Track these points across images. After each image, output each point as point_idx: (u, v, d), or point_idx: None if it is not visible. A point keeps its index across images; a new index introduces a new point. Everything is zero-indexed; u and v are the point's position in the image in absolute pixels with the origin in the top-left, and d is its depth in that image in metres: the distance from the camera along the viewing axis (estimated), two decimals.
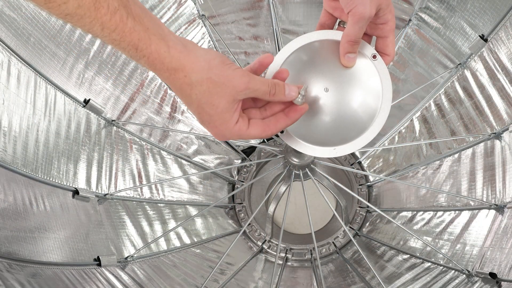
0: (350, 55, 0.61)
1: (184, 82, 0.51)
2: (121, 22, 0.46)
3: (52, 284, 0.74)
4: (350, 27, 0.58)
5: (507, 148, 0.96)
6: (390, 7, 0.59)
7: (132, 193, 1.09)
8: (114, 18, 0.45)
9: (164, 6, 1.13)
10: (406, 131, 1.19)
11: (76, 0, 0.43)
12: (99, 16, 0.45)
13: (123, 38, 0.47)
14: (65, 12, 0.44)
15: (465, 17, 1.03)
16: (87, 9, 0.44)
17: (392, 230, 1.12)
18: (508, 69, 0.96)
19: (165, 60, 0.49)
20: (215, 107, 0.52)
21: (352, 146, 0.62)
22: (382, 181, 1.23)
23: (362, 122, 0.62)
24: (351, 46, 0.60)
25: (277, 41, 1.22)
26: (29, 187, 0.84)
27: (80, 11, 0.44)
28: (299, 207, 1.22)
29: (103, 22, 0.45)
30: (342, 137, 0.62)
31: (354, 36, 0.59)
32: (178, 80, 0.50)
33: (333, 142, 0.62)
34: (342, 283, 1.06)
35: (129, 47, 0.47)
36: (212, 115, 0.53)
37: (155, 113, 1.16)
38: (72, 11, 0.44)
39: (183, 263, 1.05)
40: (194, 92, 0.51)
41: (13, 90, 0.85)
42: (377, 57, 0.62)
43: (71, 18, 0.44)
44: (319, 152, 0.63)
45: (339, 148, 0.62)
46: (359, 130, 0.62)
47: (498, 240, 0.90)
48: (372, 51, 0.62)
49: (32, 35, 0.91)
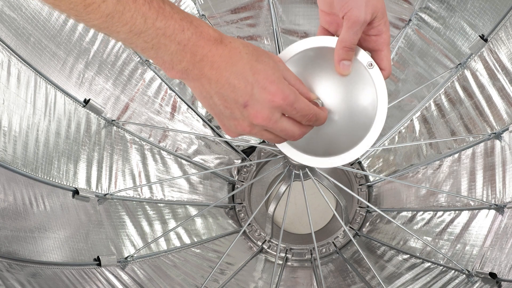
0: (345, 63, 0.59)
1: (232, 47, 0.50)
2: (160, 9, 0.46)
3: (52, 284, 0.74)
4: (345, 32, 0.57)
5: (507, 148, 0.96)
6: (385, 19, 0.58)
7: (132, 193, 1.09)
8: (152, 6, 0.45)
9: None
10: (406, 131, 1.19)
11: None
12: (138, 6, 0.44)
13: (167, 23, 0.46)
14: (106, 13, 0.43)
15: (465, 17, 1.03)
16: (125, 2, 0.44)
17: (392, 230, 1.12)
18: (508, 69, 0.96)
19: (211, 31, 0.49)
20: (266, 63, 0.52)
21: (345, 157, 0.61)
22: (382, 181, 1.23)
23: (356, 132, 0.61)
24: (346, 53, 0.58)
25: (277, 41, 1.22)
26: (29, 187, 0.84)
27: (119, 7, 0.43)
28: (299, 207, 1.22)
29: (144, 12, 0.45)
30: (336, 147, 0.62)
31: (349, 41, 0.57)
32: (226, 47, 0.50)
33: (327, 152, 0.62)
34: (342, 283, 1.06)
35: (174, 31, 0.47)
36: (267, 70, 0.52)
37: (155, 113, 1.16)
38: (112, 9, 0.43)
39: (183, 263, 1.05)
40: (244, 51, 0.50)
41: (13, 90, 0.86)
42: (374, 65, 0.60)
43: (112, 18, 0.44)
44: (314, 162, 0.62)
45: (333, 159, 0.61)
46: (353, 141, 0.61)
47: (498, 240, 0.90)
48: (368, 58, 0.60)
49: (32, 35, 0.91)
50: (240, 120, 0.53)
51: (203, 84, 0.51)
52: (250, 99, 0.51)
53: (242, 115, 0.52)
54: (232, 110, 0.52)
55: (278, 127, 0.53)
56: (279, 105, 0.52)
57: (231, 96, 0.51)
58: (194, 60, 0.49)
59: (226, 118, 0.53)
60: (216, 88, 0.51)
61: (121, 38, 0.46)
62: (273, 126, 0.53)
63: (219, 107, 0.52)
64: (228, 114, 0.53)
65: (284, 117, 0.54)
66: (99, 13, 0.43)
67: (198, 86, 0.51)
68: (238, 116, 0.52)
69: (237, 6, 1.20)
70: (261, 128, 0.54)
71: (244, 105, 0.51)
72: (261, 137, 0.56)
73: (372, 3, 0.56)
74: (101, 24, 0.44)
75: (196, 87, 0.52)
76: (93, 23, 0.44)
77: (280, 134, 0.55)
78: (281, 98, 0.51)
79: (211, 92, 0.51)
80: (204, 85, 0.51)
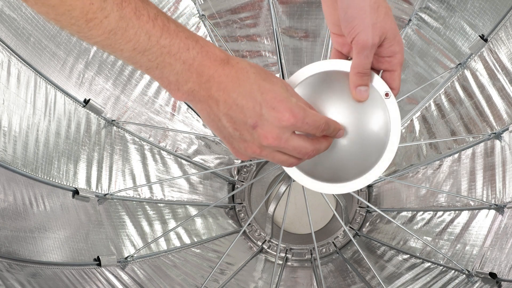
0: (361, 88, 0.57)
1: (239, 68, 0.49)
2: (165, 26, 0.45)
3: (52, 284, 0.74)
4: (356, 57, 0.55)
5: (507, 148, 0.96)
6: (397, 38, 0.55)
7: (132, 193, 1.09)
8: (157, 24, 0.44)
9: (164, 6, 1.13)
10: (406, 131, 1.19)
11: (117, 11, 0.42)
12: (142, 24, 0.44)
13: (172, 41, 0.45)
14: (108, 29, 0.42)
15: (465, 17, 1.03)
16: (129, 18, 0.43)
17: (392, 230, 1.12)
18: (508, 69, 0.96)
19: (217, 51, 0.48)
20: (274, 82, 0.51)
21: (352, 185, 0.60)
22: (382, 181, 1.23)
23: (365, 161, 0.59)
24: (361, 78, 0.56)
25: (277, 41, 1.22)
26: (29, 187, 0.84)
27: (122, 23, 0.43)
28: (299, 207, 1.22)
29: (148, 29, 0.44)
30: (343, 174, 0.60)
31: (361, 66, 0.55)
32: (233, 67, 0.49)
33: (334, 178, 0.60)
34: (342, 283, 1.06)
35: (179, 50, 0.46)
36: (275, 90, 0.50)
37: (155, 113, 1.16)
38: (114, 25, 0.42)
39: (183, 263, 1.05)
40: (251, 71, 0.49)
41: (13, 90, 0.86)
42: (390, 95, 0.58)
43: (115, 34, 0.43)
44: (320, 187, 0.61)
45: (339, 186, 0.60)
46: (361, 169, 0.59)
47: (498, 240, 0.90)
48: (386, 88, 0.58)
49: (32, 35, 0.91)
50: (250, 142, 0.51)
51: (210, 106, 0.50)
52: (259, 120, 0.50)
53: (252, 136, 0.51)
54: (241, 132, 0.51)
55: (289, 146, 0.52)
56: (289, 123, 0.50)
57: (240, 117, 0.50)
58: (201, 81, 0.48)
59: (236, 141, 0.52)
60: (224, 110, 0.49)
61: (125, 56, 0.45)
62: (285, 145, 0.51)
63: (228, 129, 0.51)
64: (237, 137, 0.51)
65: (295, 135, 0.52)
66: (101, 29, 0.42)
67: (205, 108, 0.50)
68: (248, 138, 0.51)
69: (237, 6, 1.20)
70: (272, 149, 0.52)
71: (254, 126, 0.50)
72: (272, 159, 0.54)
73: (380, 24, 0.54)
74: (104, 41, 0.43)
75: (204, 109, 0.50)
76: (96, 40, 0.43)
77: (293, 153, 0.53)
78: (290, 116, 0.50)
79: (219, 114, 0.50)
80: (212, 107, 0.49)
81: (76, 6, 0.41)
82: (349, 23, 0.54)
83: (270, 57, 1.25)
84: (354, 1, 0.54)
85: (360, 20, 0.53)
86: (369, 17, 0.53)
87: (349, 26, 0.54)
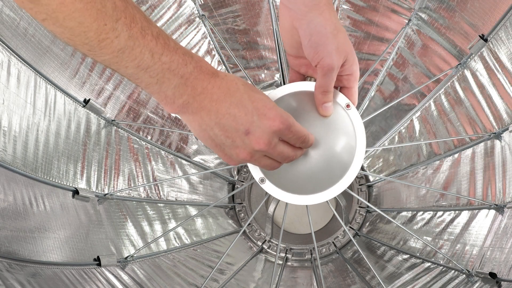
0: (326, 105, 0.63)
1: (228, 80, 0.53)
2: (166, 44, 0.48)
3: (52, 283, 0.74)
4: (321, 79, 0.60)
5: (507, 148, 0.96)
6: (355, 58, 0.62)
7: (132, 193, 1.09)
8: (159, 42, 0.47)
9: (164, 6, 1.13)
10: (406, 131, 1.19)
11: (126, 31, 0.44)
12: (146, 42, 0.46)
13: (172, 58, 0.48)
14: (118, 48, 0.44)
15: (465, 17, 1.03)
16: (136, 38, 0.45)
17: (392, 230, 1.12)
18: (508, 69, 0.96)
19: (208, 66, 0.52)
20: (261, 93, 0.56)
21: (329, 193, 0.67)
22: (382, 181, 1.23)
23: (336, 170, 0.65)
24: (326, 96, 0.62)
25: (277, 41, 1.22)
26: (29, 187, 0.84)
27: (130, 42, 0.45)
28: (299, 207, 1.22)
29: (151, 48, 0.46)
30: (320, 184, 0.66)
31: (325, 86, 0.61)
32: (223, 79, 0.52)
33: (311, 189, 0.66)
34: (342, 283, 1.06)
35: (178, 65, 0.48)
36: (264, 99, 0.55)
37: (155, 113, 1.17)
38: (123, 44, 0.44)
39: (183, 263, 1.05)
40: (240, 83, 0.53)
41: (13, 90, 0.86)
42: (351, 106, 0.65)
43: (122, 53, 0.45)
44: (299, 200, 0.67)
45: (317, 196, 0.67)
46: (337, 177, 0.66)
47: (498, 240, 0.90)
48: (346, 100, 0.65)
49: (33, 35, 0.91)
50: (241, 148, 0.55)
51: (202, 117, 0.52)
52: (251, 126, 0.53)
53: (243, 142, 0.54)
54: (233, 139, 0.54)
55: (276, 151, 0.57)
56: (278, 129, 0.55)
57: (232, 125, 0.53)
58: (195, 93, 0.51)
59: (228, 147, 0.55)
60: (216, 119, 0.52)
61: (128, 73, 0.47)
62: (272, 150, 0.56)
63: (220, 138, 0.54)
64: (229, 144, 0.54)
65: (281, 141, 0.57)
66: (111, 48, 0.44)
67: (196, 120, 0.53)
68: (240, 144, 0.54)
69: (237, 6, 1.20)
70: (261, 154, 0.56)
71: (246, 133, 0.54)
72: (259, 164, 0.59)
73: (342, 48, 0.59)
74: (111, 59, 0.45)
75: (195, 120, 0.53)
76: (104, 58, 0.45)
77: (277, 157, 0.58)
78: (280, 122, 0.55)
79: (211, 124, 0.53)
80: (204, 117, 0.52)
81: (91, 28, 0.43)
82: (313, 49, 0.59)
83: (270, 57, 1.25)
84: (316, 29, 0.58)
85: (323, 46, 0.58)
86: (332, 42, 0.58)
87: (313, 52, 0.59)
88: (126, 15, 0.44)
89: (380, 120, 1.23)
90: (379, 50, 1.19)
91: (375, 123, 1.24)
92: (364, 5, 1.15)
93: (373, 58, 1.20)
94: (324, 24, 0.58)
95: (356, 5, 1.16)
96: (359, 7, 1.16)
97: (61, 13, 0.41)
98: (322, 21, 0.58)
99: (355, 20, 1.18)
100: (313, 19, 0.58)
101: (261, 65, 1.26)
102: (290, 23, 0.60)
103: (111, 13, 0.43)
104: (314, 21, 0.58)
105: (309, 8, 0.58)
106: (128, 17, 0.44)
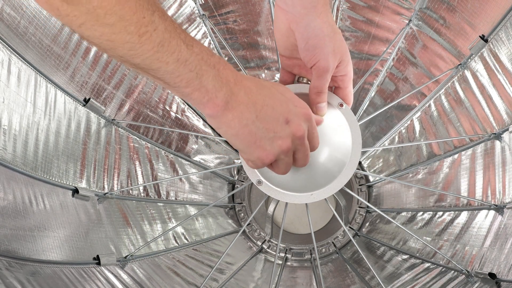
0: (320, 105, 0.64)
1: (248, 76, 0.54)
2: (192, 37, 0.48)
3: (52, 282, 0.74)
4: (316, 80, 0.61)
5: (507, 148, 0.96)
6: (349, 59, 0.63)
7: (132, 192, 1.09)
8: (187, 34, 0.47)
9: (165, 5, 1.13)
10: (406, 131, 1.19)
11: (162, 23, 0.44)
12: (178, 34, 0.46)
13: (201, 48, 0.48)
14: (157, 41, 0.44)
15: (465, 17, 1.02)
16: (170, 30, 0.45)
17: (392, 230, 1.12)
18: (508, 70, 0.96)
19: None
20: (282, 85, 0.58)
21: (328, 190, 0.67)
22: (382, 181, 1.23)
23: (337, 165, 0.66)
24: (320, 97, 0.63)
25: None
26: (29, 186, 0.84)
27: (166, 35, 0.44)
28: (299, 207, 1.21)
29: (183, 39, 0.46)
30: (318, 182, 0.67)
31: (320, 87, 0.62)
32: (244, 75, 0.53)
33: (308, 188, 0.67)
34: (341, 283, 1.06)
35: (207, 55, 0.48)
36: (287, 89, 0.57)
37: (155, 113, 1.17)
38: (162, 37, 0.44)
39: (182, 263, 1.05)
40: (261, 79, 0.56)
41: (13, 89, 0.86)
42: (344, 105, 0.67)
43: (162, 46, 0.44)
44: (298, 199, 0.67)
45: (316, 194, 0.67)
46: (334, 174, 0.66)
47: (498, 240, 0.90)
48: (339, 100, 0.67)
49: (33, 34, 0.91)
50: (284, 138, 0.55)
51: (242, 112, 0.52)
52: (289, 115, 0.55)
53: (285, 132, 0.55)
54: (275, 130, 0.54)
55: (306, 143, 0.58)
56: (309, 117, 0.57)
57: (272, 115, 0.53)
58: (230, 85, 0.50)
59: (269, 141, 0.54)
60: (255, 112, 0.52)
61: (169, 70, 0.46)
62: (304, 141, 0.57)
63: (261, 131, 0.53)
64: (271, 136, 0.54)
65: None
66: (151, 42, 0.44)
67: (237, 116, 0.52)
68: (282, 134, 0.55)
69: (237, 6, 1.20)
70: (296, 145, 0.57)
71: (286, 121, 0.54)
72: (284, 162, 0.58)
73: (338, 50, 0.60)
74: (153, 56, 0.44)
75: (235, 117, 0.52)
76: (144, 56, 0.44)
77: (303, 153, 0.59)
78: (309, 111, 0.57)
79: (252, 118, 0.52)
80: (243, 112, 0.52)
81: (132, 21, 0.42)
82: (309, 52, 0.60)
83: (270, 57, 1.25)
84: (313, 32, 0.59)
85: (320, 49, 0.59)
86: (328, 45, 0.59)
87: (309, 55, 0.60)
88: (158, 8, 0.44)
89: (380, 120, 1.23)
90: (379, 50, 1.19)
91: (375, 123, 1.24)
92: (365, 5, 1.15)
93: (373, 58, 1.20)
94: (322, 26, 0.59)
95: (356, 5, 1.16)
96: (360, 7, 1.16)
97: (103, 8, 0.40)
98: (320, 24, 0.58)
99: (355, 20, 1.18)
100: (310, 21, 0.58)
101: (261, 65, 1.26)
102: (286, 26, 0.60)
103: (147, 6, 0.43)
104: (312, 24, 0.58)
105: (307, 10, 0.58)
106: (160, 10, 0.44)
